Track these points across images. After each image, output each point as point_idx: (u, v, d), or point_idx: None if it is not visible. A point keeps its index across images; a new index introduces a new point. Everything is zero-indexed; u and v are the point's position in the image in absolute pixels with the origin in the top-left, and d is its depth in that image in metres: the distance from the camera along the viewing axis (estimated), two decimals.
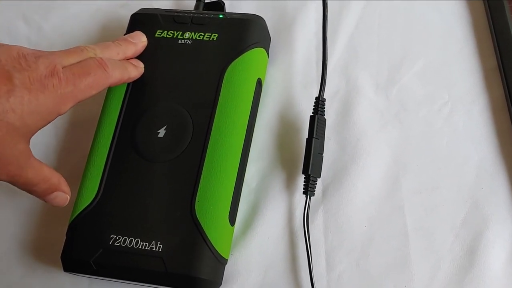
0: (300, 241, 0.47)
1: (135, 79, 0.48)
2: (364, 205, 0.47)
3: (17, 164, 0.40)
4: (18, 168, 0.40)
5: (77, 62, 0.43)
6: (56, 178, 0.43)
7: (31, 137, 0.41)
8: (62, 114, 0.42)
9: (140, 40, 0.50)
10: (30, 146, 0.41)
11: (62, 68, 0.41)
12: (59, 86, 0.41)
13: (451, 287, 0.44)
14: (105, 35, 0.57)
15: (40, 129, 0.41)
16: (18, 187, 0.42)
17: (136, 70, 0.48)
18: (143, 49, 0.50)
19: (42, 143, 0.52)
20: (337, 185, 0.48)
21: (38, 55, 0.41)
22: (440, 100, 0.51)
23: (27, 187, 0.42)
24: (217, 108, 0.46)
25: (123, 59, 0.48)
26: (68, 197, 0.44)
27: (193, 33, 0.50)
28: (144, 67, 0.49)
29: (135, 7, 0.54)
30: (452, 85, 0.51)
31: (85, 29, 0.58)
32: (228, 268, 0.46)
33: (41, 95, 0.39)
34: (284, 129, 0.51)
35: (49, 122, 0.41)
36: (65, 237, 0.45)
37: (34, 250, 0.49)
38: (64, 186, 0.44)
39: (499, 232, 0.45)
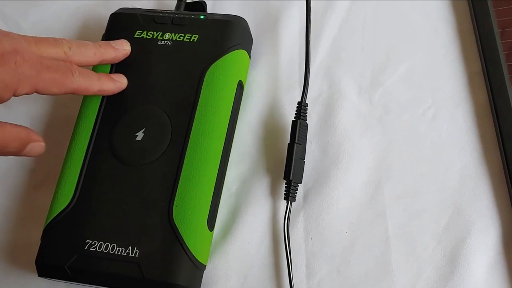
0: (280, 247, 0.46)
1: (111, 92, 0.47)
2: (345, 211, 0.47)
3: None
4: None
5: (48, 57, 0.42)
6: (25, 132, 0.42)
7: None
8: (17, 96, 0.41)
9: (122, 47, 0.48)
10: None
11: (31, 53, 0.41)
12: (21, 65, 0.40)
13: None
14: (85, 34, 0.56)
15: None
16: None
17: (113, 83, 0.47)
18: (124, 56, 0.48)
19: None
20: (318, 190, 0.47)
21: (7, 34, 0.41)
22: (424, 104, 0.50)
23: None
24: (197, 111, 0.46)
25: (99, 62, 0.47)
26: (43, 144, 0.43)
27: (173, 34, 0.49)
28: (123, 68, 0.48)
29: (115, 6, 0.53)
30: (436, 89, 0.51)
31: (64, 27, 0.57)
32: (207, 273, 0.45)
33: None
34: (267, 132, 0.50)
35: (3, 101, 0.40)
36: (40, 241, 0.44)
37: (9, 254, 0.48)
38: (35, 135, 0.43)
39: (481, 239, 0.45)
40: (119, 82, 0.47)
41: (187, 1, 0.54)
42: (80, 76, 0.44)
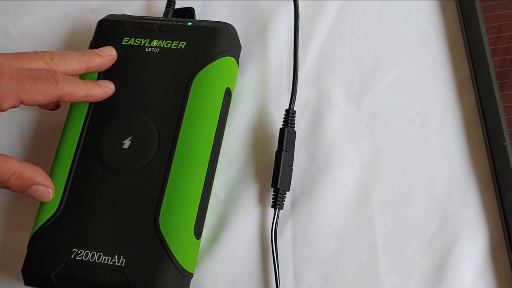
0: (268, 254, 0.46)
1: (98, 98, 0.47)
2: (333, 218, 0.47)
3: None
4: None
5: (29, 68, 0.42)
6: (30, 172, 0.42)
7: None
8: (4, 110, 0.41)
9: (107, 53, 0.48)
10: None
11: (9, 67, 0.41)
12: (0, 80, 0.40)
13: None
14: (74, 40, 0.56)
15: None
16: None
17: (100, 89, 0.46)
18: (110, 63, 0.48)
19: (7, 150, 0.51)
20: (306, 197, 0.47)
21: None
22: (412, 111, 0.50)
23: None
24: (184, 118, 0.46)
25: (85, 70, 0.47)
26: (50, 190, 0.43)
27: (160, 41, 0.49)
28: (110, 75, 0.48)
29: (104, 12, 0.53)
30: (425, 95, 0.51)
31: (53, 33, 0.57)
32: (194, 281, 0.45)
33: None
34: (255, 139, 0.50)
35: None
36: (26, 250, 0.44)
37: None
38: (42, 179, 0.43)
39: (468, 246, 0.44)
40: (106, 87, 0.47)
41: (176, 8, 0.54)
42: (65, 82, 0.43)
